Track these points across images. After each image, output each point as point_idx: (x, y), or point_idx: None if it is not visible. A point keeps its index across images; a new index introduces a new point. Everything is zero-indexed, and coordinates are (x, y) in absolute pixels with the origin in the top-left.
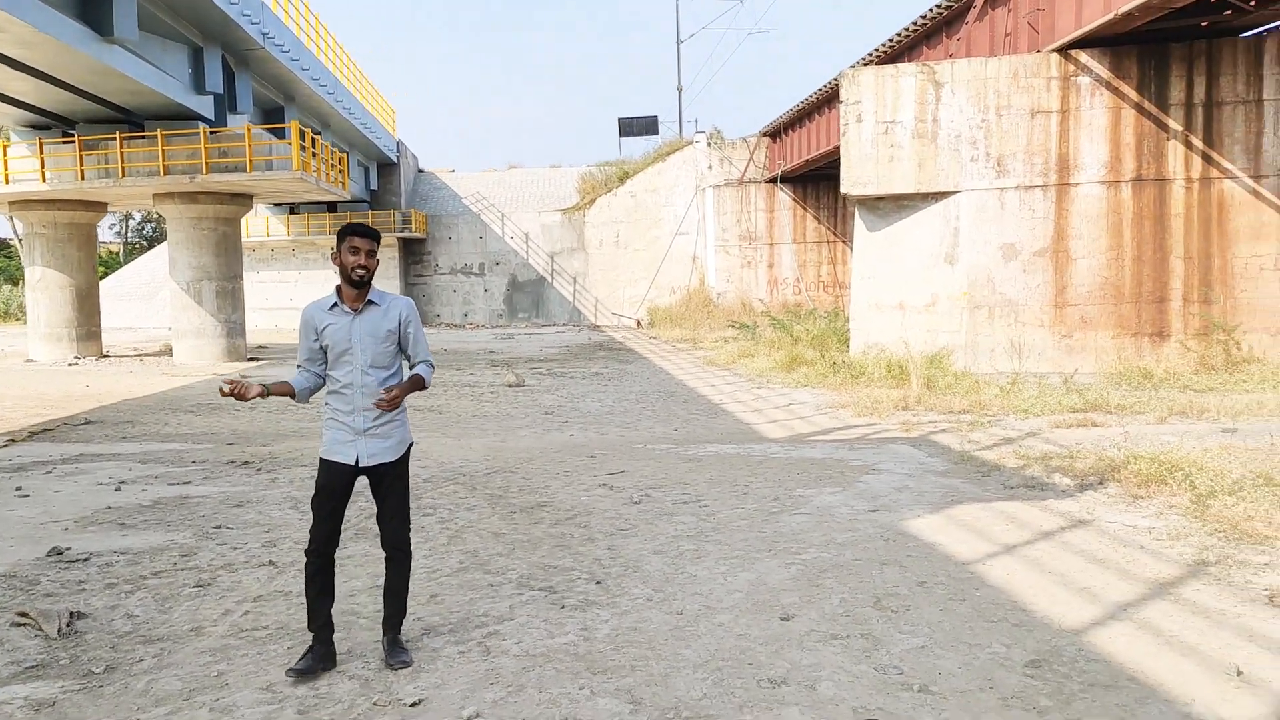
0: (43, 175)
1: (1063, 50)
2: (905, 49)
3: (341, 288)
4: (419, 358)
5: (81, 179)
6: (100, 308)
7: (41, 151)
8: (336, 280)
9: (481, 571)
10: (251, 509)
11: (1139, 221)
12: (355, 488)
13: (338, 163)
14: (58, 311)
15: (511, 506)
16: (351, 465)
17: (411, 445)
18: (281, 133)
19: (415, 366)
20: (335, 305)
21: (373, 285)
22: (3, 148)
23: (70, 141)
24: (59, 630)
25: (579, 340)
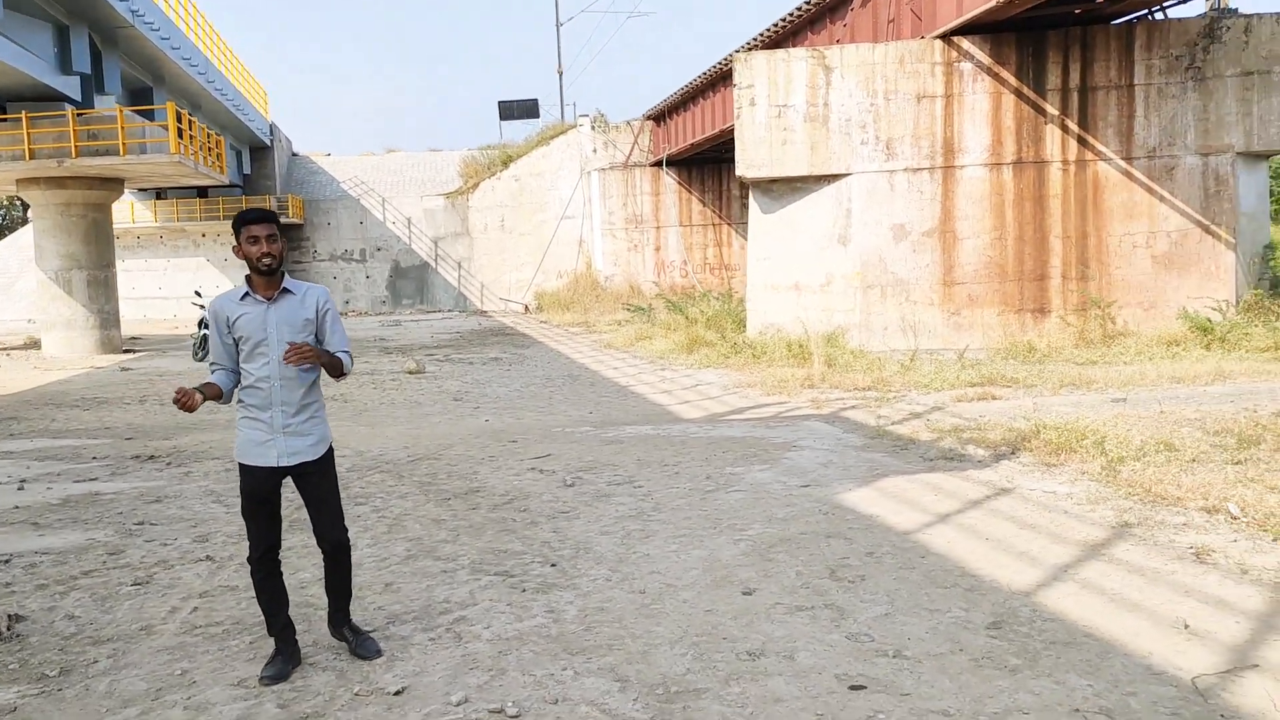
0: None
1: (946, 37)
2: (790, 34)
3: (251, 277)
4: (338, 348)
5: None
6: None
7: None
8: (210, 268)
9: (431, 559)
10: (171, 504)
11: (1020, 203)
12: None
13: (215, 146)
14: None
15: (444, 493)
16: (272, 467)
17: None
18: (153, 114)
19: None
20: (247, 295)
21: (286, 274)
22: None
23: None
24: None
25: (469, 326)
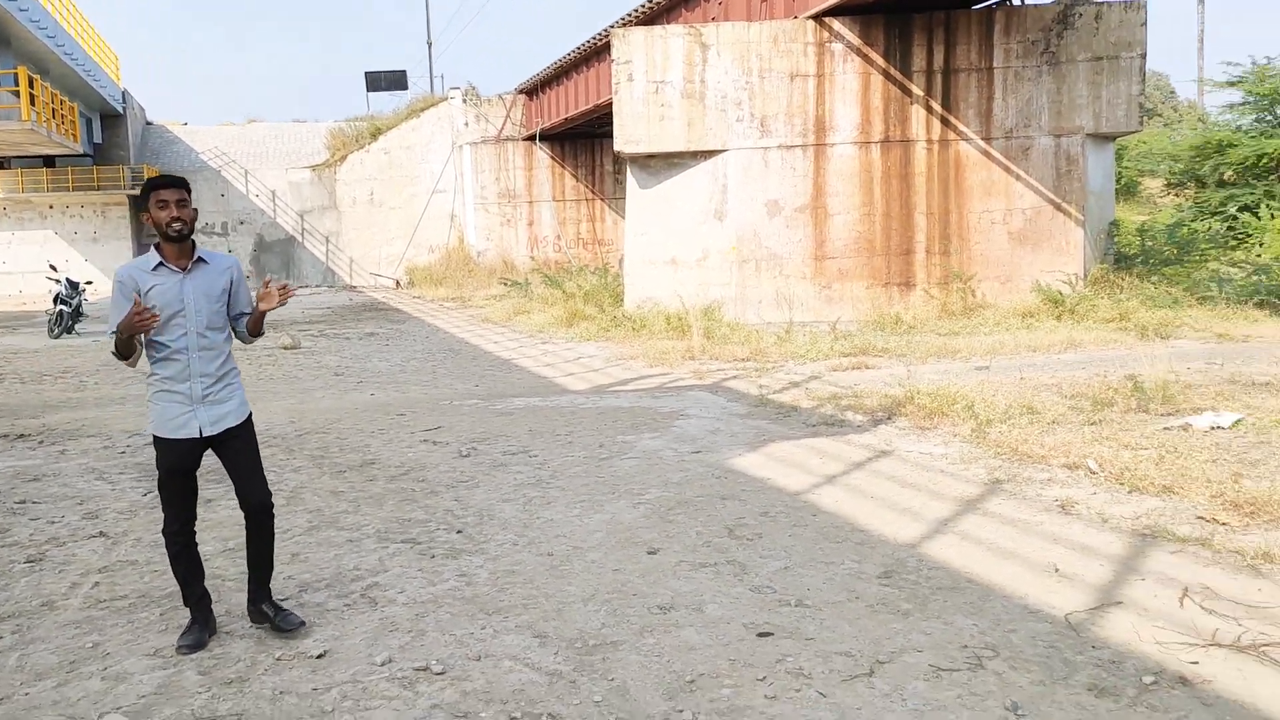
0: None
1: (818, 17)
2: (665, 10)
3: (162, 246)
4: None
5: None
6: None
7: None
8: (58, 241)
9: (334, 529)
10: (51, 482)
11: (888, 180)
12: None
13: (68, 113)
14: None
15: (339, 466)
16: (194, 439)
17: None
18: None
19: (239, 322)
20: (160, 265)
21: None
22: None
23: None
24: None
25: (340, 301)
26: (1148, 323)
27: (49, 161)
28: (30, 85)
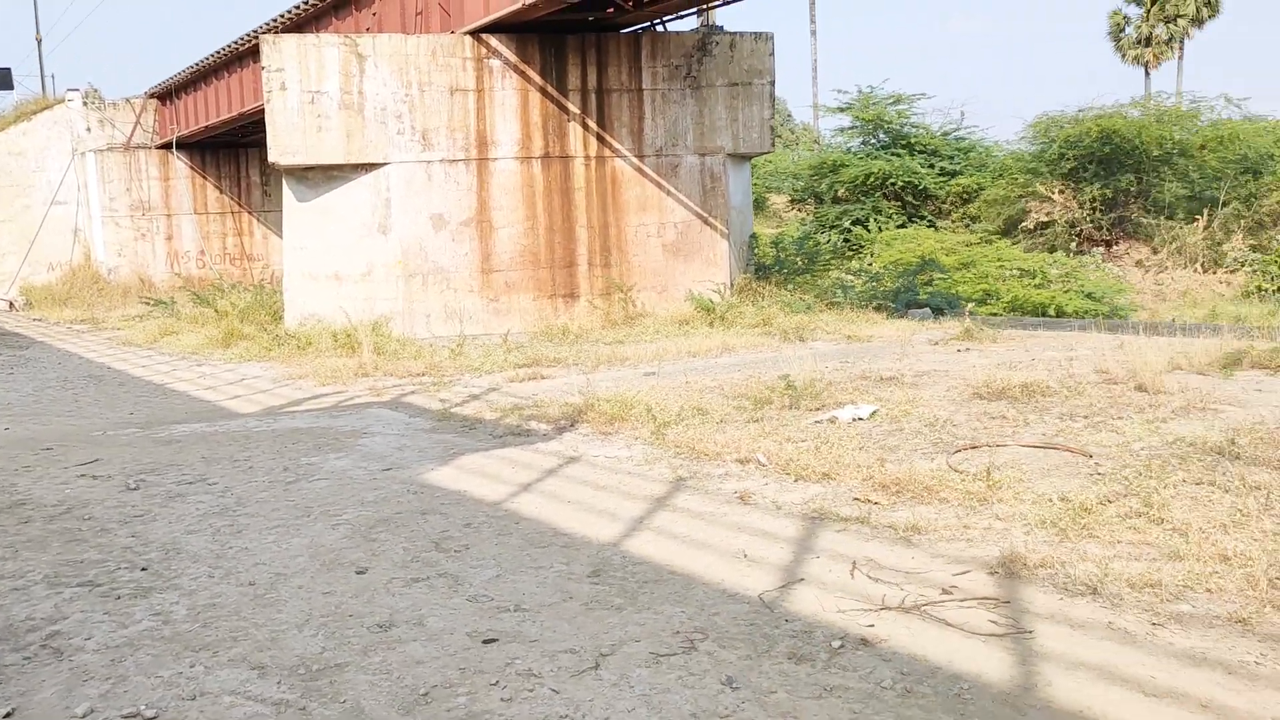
0: None
1: (475, 34)
2: (314, 17)
3: None
4: None
5: None
6: None
7: None
8: None
9: None
10: None
11: (549, 194)
12: None
13: None
14: None
15: None
16: None
17: None
18: None
19: None
20: None
21: None
22: None
23: None
24: None
25: None
26: (788, 327)
27: None
28: None
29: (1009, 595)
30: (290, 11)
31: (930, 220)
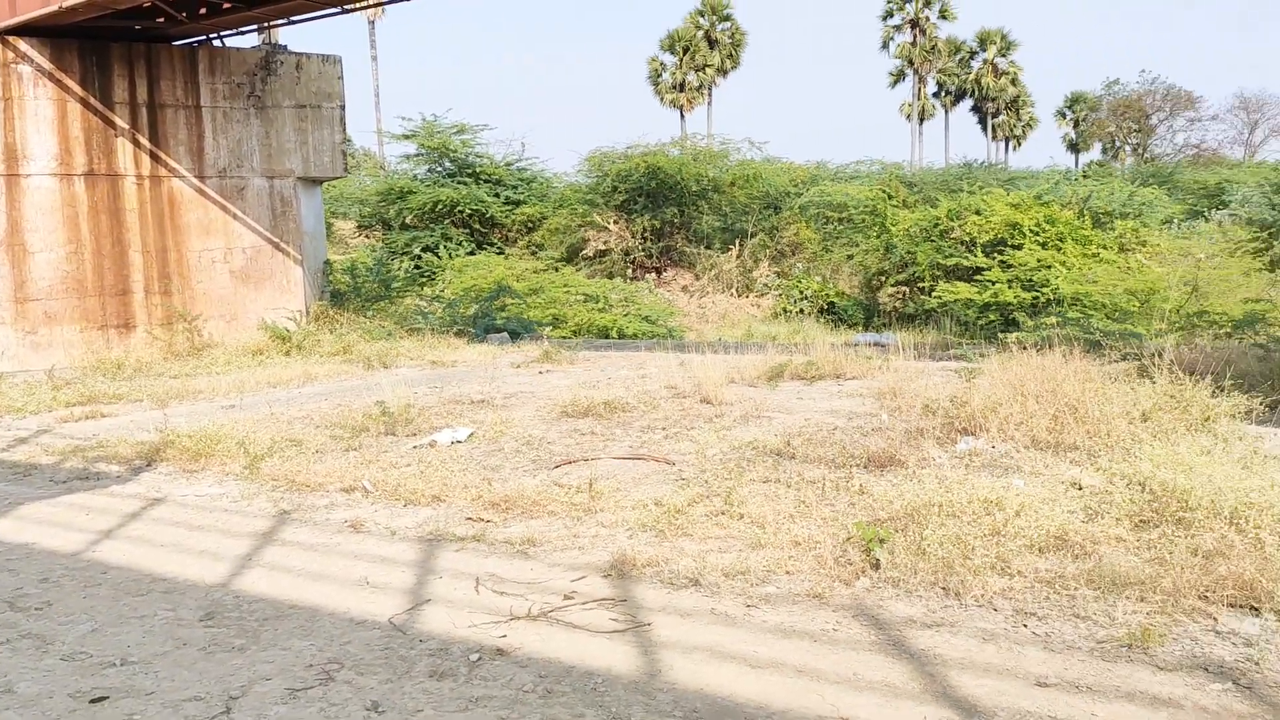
0: None
1: (2, 35)
2: None
3: None
4: None
5: None
6: None
7: None
8: None
9: None
10: None
11: (95, 215)
12: None
13: None
14: None
15: None
16: None
17: None
18: None
19: None
20: None
21: None
22: None
23: None
24: None
25: None
26: (370, 354)
27: None
28: None
29: (624, 594)
30: None
31: (499, 247)
